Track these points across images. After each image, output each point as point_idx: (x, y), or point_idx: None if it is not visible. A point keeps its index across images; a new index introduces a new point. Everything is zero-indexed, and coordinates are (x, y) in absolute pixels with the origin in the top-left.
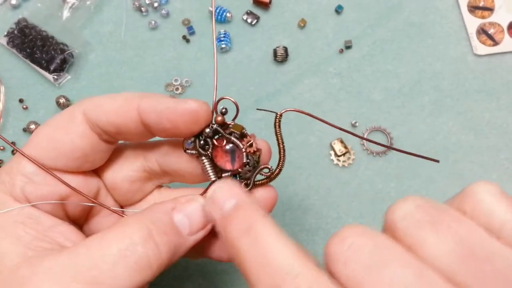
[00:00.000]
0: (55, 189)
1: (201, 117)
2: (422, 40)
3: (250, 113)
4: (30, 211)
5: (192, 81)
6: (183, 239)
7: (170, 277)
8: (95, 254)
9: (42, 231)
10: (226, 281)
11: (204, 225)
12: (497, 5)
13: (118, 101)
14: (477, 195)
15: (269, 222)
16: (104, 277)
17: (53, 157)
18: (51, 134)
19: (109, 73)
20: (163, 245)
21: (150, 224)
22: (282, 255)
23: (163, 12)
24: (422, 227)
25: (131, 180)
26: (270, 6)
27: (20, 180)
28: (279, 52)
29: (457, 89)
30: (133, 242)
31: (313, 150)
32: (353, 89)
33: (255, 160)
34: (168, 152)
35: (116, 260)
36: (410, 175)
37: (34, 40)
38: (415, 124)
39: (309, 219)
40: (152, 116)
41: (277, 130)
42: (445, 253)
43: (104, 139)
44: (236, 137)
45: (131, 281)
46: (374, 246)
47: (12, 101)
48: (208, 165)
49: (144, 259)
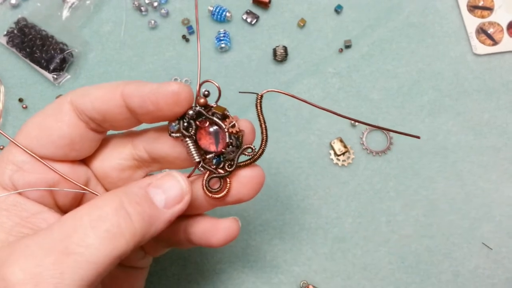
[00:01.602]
0: (44, 177)
1: (183, 99)
2: (421, 40)
3: (249, 111)
4: (15, 198)
5: (191, 81)
6: (158, 211)
7: (169, 276)
8: (67, 227)
9: (25, 218)
10: (224, 280)
11: (180, 197)
12: (497, 4)
13: (103, 88)
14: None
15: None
16: (75, 246)
17: (43, 145)
18: (41, 122)
19: (109, 73)
20: (135, 215)
21: (122, 195)
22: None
23: (163, 11)
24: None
25: (120, 169)
26: (270, 6)
27: (10, 169)
28: (278, 51)
29: (457, 89)
30: (104, 212)
31: (312, 149)
32: (352, 89)
33: (239, 141)
34: (155, 138)
35: (87, 229)
36: (409, 175)
37: (34, 39)
38: (414, 124)
39: (308, 219)
40: (136, 99)
41: (258, 110)
42: None
43: (91, 128)
44: (219, 118)
45: (103, 250)
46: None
47: (12, 100)
48: (192, 146)
49: (115, 227)
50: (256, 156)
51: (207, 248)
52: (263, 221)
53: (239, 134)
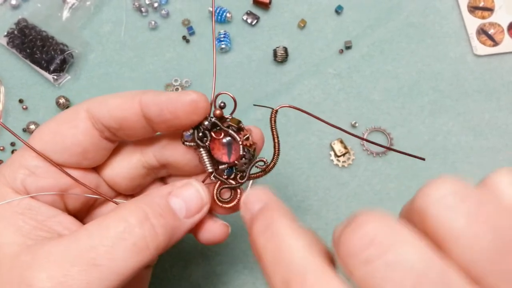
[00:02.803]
0: (56, 182)
1: (200, 108)
2: (421, 40)
3: (250, 113)
4: (29, 202)
5: (191, 82)
6: (180, 221)
7: (170, 277)
8: (94, 238)
9: (41, 221)
10: (225, 282)
11: (200, 208)
12: (497, 5)
13: (121, 97)
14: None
15: (288, 219)
16: (102, 258)
17: (56, 151)
18: (55, 128)
19: (109, 73)
20: (159, 227)
21: (146, 207)
22: (295, 250)
23: (163, 12)
24: (456, 217)
25: (130, 178)
26: (270, 7)
27: (22, 173)
28: (279, 52)
29: (457, 89)
30: (130, 224)
31: (312, 150)
32: (352, 90)
33: (251, 153)
34: (164, 145)
35: (114, 242)
36: (410, 176)
37: (34, 40)
38: (414, 125)
39: (308, 220)
40: (154, 108)
41: (272, 125)
42: (478, 250)
43: (105, 137)
44: (234, 130)
45: (129, 262)
46: (399, 242)
47: (12, 101)
48: (205, 156)
49: (141, 241)
50: (267, 169)
51: (208, 250)
52: None
53: (253, 147)
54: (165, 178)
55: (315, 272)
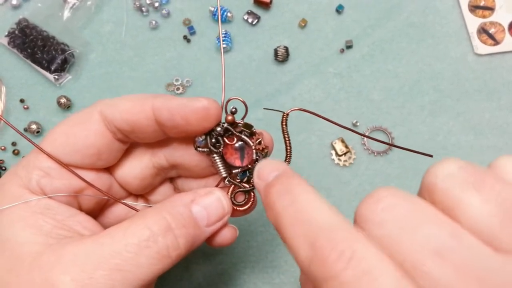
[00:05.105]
0: (70, 183)
1: (212, 114)
2: (422, 40)
3: (251, 112)
4: (48, 202)
5: (192, 81)
6: (201, 230)
7: (171, 277)
8: (118, 244)
9: (60, 221)
10: (226, 281)
11: (221, 217)
12: (498, 4)
13: (133, 100)
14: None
15: (307, 185)
16: (127, 264)
17: (69, 153)
18: (68, 131)
19: (110, 73)
20: (181, 237)
21: (169, 216)
22: (319, 211)
23: (164, 12)
24: (464, 188)
25: (141, 178)
26: (271, 6)
27: (37, 174)
28: (280, 52)
29: (457, 89)
30: (154, 233)
31: (314, 149)
32: (353, 89)
33: (264, 157)
34: (176, 147)
35: (138, 249)
36: (411, 175)
37: (35, 40)
38: (415, 124)
39: None
40: (166, 113)
41: (284, 128)
42: (487, 215)
43: (118, 138)
44: (246, 135)
45: (151, 269)
46: (409, 206)
47: (13, 101)
48: (219, 162)
49: (164, 250)
50: None
51: (209, 250)
52: (264, 222)
53: (265, 150)
54: (175, 178)
55: (342, 228)
